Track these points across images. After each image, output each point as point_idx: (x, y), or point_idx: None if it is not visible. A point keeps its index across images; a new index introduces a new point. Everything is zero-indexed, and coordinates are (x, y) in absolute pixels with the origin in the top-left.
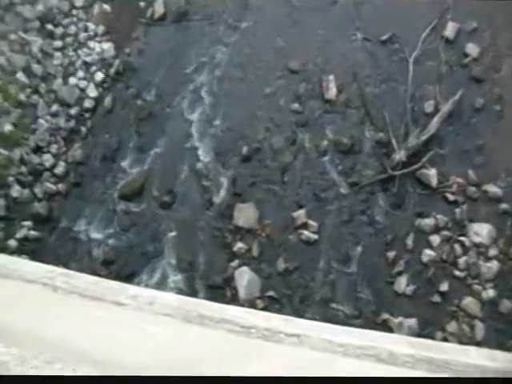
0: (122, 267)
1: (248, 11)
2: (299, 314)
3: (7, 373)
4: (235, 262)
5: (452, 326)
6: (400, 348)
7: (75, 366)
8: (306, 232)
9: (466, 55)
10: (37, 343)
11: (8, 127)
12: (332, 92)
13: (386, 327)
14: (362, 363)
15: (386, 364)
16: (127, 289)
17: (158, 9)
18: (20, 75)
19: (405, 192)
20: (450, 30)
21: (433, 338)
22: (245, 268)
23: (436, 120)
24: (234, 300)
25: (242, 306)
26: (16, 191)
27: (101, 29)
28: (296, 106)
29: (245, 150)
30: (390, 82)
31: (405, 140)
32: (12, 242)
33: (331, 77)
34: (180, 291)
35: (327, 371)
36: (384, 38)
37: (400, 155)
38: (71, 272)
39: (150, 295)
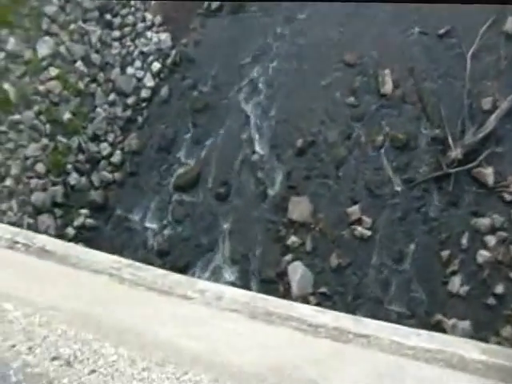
0: (177, 258)
1: (304, 3)
2: (351, 311)
3: (118, 374)
4: (289, 256)
5: (507, 331)
6: (471, 353)
7: (188, 369)
8: (359, 228)
9: None
10: (140, 342)
11: (67, 115)
12: (388, 86)
13: (439, 329)
14: (432, 368)
15: (456, 370)
16: (195, 283)
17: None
18: (79, 64)
19: (460, 190)
20: (510, 24)
21: (487, 342)
22: (298, 263)
23: (494, 117)
24: (286, 295)
25: (295, 301)
26: (74, 179)
27: (158, 19)
28: (351, 99)
29: (300, 142)
30: (446, 77)
31: (461, 137)
32: (70, 230)
33: (387, 71)
34: (233, 284)
35: (397, 376)
36: (441, 31)
37: (456, 152)
38: (138, 264)
39: (217, 290)
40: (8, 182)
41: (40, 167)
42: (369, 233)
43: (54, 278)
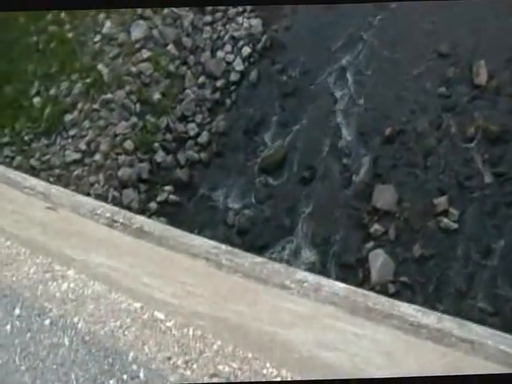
0: (256, 238)
1: None
2: (431, 303)
3: None
4: (370, 244)
5: None
6: None
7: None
8: (445, 219)
9: None
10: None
11: (157, 96)
12: (482, 77)
13: None
14: None
15: None
16: (294, 273)
17: None
18: (170, 47)
19: None
20: None
21: None
22: (379, 250)
23: None
24: (364, 281)
25: (373, 288)
26: (160, 157)
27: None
28: (443, 89)
29: (388, 131)
30: None
31: None
32: (152, 205)
33: (482, 61)
34: (312, 267)
35: None
36: None
37: None
38: (236, 250)
39: (315, 281)
40: (97, 157)
41: (128, 144)
42: (455, 225)
43: (159, 262)
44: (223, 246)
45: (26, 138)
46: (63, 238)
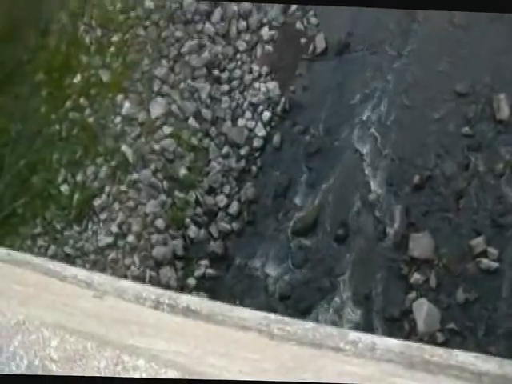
0: (298, 302)
1: (410, 36)
2: (483, 347)
3: None
4: (412, 294)
5: None
6: None
7: None
8: (485, 260)
9: None
10: None
11: (183, 171)
12: (504, 112)
13: None
14: None
15: None
16: (346, 334)
17: (320, 44)
18: (191, 121)
19: None
20: None
21: None
22: (423, 300)
23: None
24: (411, 333)
25: (421, 339)
26: (193, 232)
27: (265, 69)
28: (466, 129)
29: (416, 178)
30: None
31: None
32: (191, 281)
33: (502, 95)
34: (357, 325)
35: None
36: None
37: None
38: (286, 319)
39: (369, 340)
40: (130, 238)
41: (159, 223)
42: (496, 264)
43: (215, 339)
44: (272, 316)
45: (58, 226)
46: (121, 326)
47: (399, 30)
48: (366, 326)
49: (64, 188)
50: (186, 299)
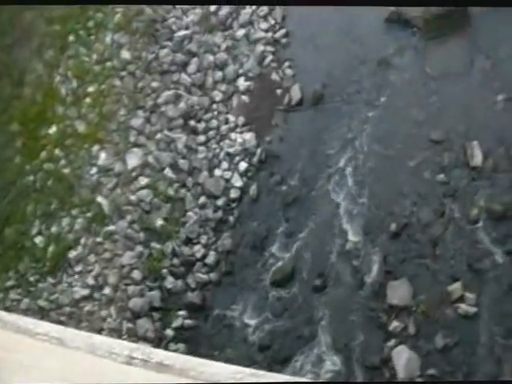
0: (278, 352)
1: (384, 86)
2: None
3: None
4: (392, 342)
5: None
6: None
7: None
8: (463, 305)
9: None
10: None
11: (159, 222)
12: (478, 158)
13: None
14: None
15: None
16: None
17: (295, 94)
18: (167, 171)
19: None
20: None
21: None
22: (402, 347)
23: None
24: (392, 380)
25: None
26: (170, 283)
27: (241, 120)
28: (442, 176)
29: (393, 226)
30: None
31: None
32: (168, 332)
33: (475, 143)
34: (337, 374)
35: None
36: None
37: None
38: (261, 372)
39: None
40: (106, 290)
41: (136, 274)
42: (474, 309)
43: None
44: (247, 370)
45: (32, 278)
46: None
47: (374, 81)
48: (347, 375)
49: (38, 240)
50: (159, 354)
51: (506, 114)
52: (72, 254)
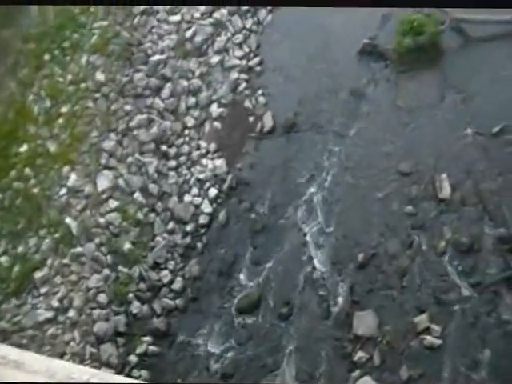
0: (241, 380)
1: (355, 117)
2: None
3: None
4: (356, 372)
5: None
6: None
7: None
8: (428, 337)
9: None
10: None
11: (127, 246)
12: (446, 191)
13: None
14: None
15: None
16: None
17: (267, 122)
18: (137, 195)
19: None
20: None
21: None
22: (367, 378)
23: None
24: None
25: None
26: (136, 307)
27: (212, 146)
28: (410, 208)
29: (360, 256)
30: (506, 174)
31: None
32: (132, 358)
33: (444, 175)
34: None
35: None
36: (496, 130)
37: None
38: None
39: None
40: (71, 313)
41: (102, 297)
42: (439, 341)
43: None
44: None
45: None
46: None
47: (346, 111)
48: None
49: (4, 259)
50: (118, 379)
51: (475, 148)
52: (38, 274)
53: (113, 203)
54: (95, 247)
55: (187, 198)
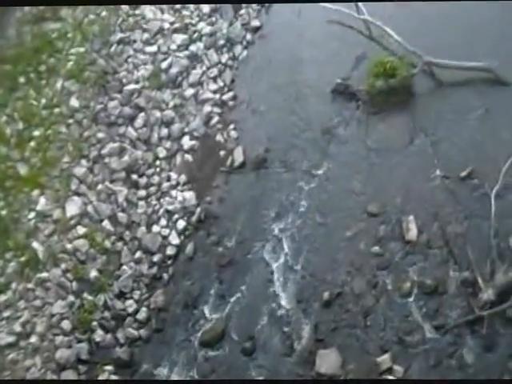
0: None
1: (326, 156)
2: None
3: None
4: None
5: None
6: None
7: None
8: (390, 377)
9: None
10: None
11: (93, 273)
12: (413, 233)
13: None
14: None
15: None
16: None
17: (238, 157)
18: (106, 223)
19: (495, 333)
20: None
21: None
22: None
23: None
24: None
25: None
26: (99, 336)
27: (183, 178)
28: (376, 248)
29: (326, 295)
30: (472, 218)
31: (492, 278)
32: None
33: (411, 217)
34: None
35: None
36: (463, 174)
37: (487, 294)
38: None
39: None
40: (33, 339)
41: (66, 324)
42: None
43: None
44: None
45: None
46: None
47: (316, 149)
48: None
49: None
50: None
51: (442, 192)
52: (1, 298)
53: (81, 230)
54: (61, 273)
55: (155, 228)
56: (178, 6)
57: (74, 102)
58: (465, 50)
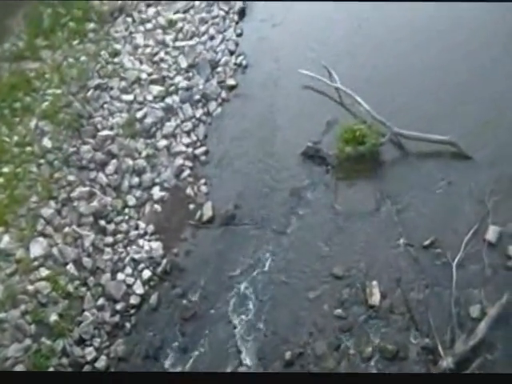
0: None
1: (293, 217)
2: None
3: None
4: None
5: None
6: None
7: None
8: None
9: (510, 257)
10: None
11: (54, 317)
12: (376, 297)
13: None
14: None
15: None
16: None
17: (207, 211)
18: (70, 267)
19: None
20: (491, 233)
21: None
22: None
23: (483, 324)
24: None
25: None
26: None
27: (151, 228)
28: (339, 311)
29: (288, 354)
30: (433, 286)
31: (451, 346)
32: None
33: (375, 282)
34: None
35: None
36: (426, 242)
37: (447, 362)
38: None
39: None
40: None
41: (20, 369)
42: None
43: None
44: None
45: None
46: None
47: (284, 210)
48: None
49: None
50: None
51: (405, 259)
52: None
53: (44, 272)
54: (20, 314)
55: (120, 276)
56: (155, 58)
57: (47, 143)
58: (433, 122)
